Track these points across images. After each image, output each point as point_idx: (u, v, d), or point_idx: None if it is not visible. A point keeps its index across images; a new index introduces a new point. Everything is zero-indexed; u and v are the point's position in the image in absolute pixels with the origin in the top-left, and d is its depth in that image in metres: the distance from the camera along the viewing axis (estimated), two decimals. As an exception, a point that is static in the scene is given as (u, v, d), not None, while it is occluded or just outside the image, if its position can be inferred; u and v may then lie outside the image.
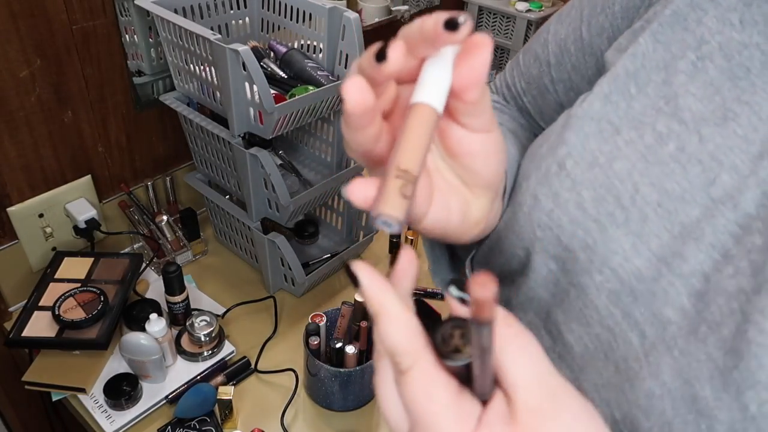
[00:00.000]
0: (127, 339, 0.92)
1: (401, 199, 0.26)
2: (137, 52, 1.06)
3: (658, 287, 0.34)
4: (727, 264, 0.32)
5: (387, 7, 1.52)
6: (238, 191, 1.09)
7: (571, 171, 0.37)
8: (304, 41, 1.09)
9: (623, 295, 0.35)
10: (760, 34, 0.34)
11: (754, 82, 0.34)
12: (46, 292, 1.00)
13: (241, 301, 1.12)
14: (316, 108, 0.99)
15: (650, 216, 0.34)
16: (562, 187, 0.37)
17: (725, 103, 0.34)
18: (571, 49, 0.47)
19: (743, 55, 0.34)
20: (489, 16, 1.71)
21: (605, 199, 0.35)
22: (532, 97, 0.52)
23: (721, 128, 0.34)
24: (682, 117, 0.35)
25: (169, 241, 1.17)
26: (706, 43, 0.36)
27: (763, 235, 0.31)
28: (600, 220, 0.35)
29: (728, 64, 0.35)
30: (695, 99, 0.35)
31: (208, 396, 0.93)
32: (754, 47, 0.34)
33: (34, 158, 1.00)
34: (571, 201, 0.37)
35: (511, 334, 0.25)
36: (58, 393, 0.94)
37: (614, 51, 0.40)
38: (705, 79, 0.35)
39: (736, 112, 0.34)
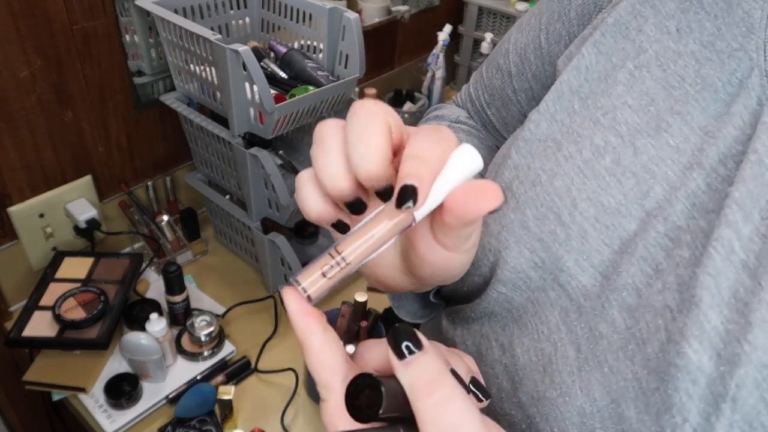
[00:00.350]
0: (127, 339, 0.92)
1: (321, 277, 0.26)
2: (137, 52, 1.07)
3: (598, 303, 0.34)
4: (657, 279, 0.32)
5: (387, 7, 1.52)
6: (238, 191, 1.09)
7: (516, 191, 0.37)
8: (304, 41, 1.09)
9: (571, 312, 0.35)
10: (696, 42, 0.34)
11: (687, 91, 0.34)
12: (47, 291, 1.00)
13: (242, 301, 1.12)
14: (316, 108, 0.99)
15: (589, 231, 0.34)
16: (508, 208, 0.37)
17: (659, 114, 0.34)
18: (530, 58, 0.47)
19: (678, 64, 0.34)
20: (489, 16, 1.71)
21: (547, 217, 0.35)
22: (496, 108, 0.52)
23: (654, 139, 0.34)
24: (618, 130, 0.35)
25: (169, 241, 1.17)
26: (644, 51, 0.36)
27: (690, 248, 0.31)
28: (543, 238, 0.35)
29: (663, 73, 0.35)
30: (631, 111, 0.35)
31: (208, 396, 0.93)
32: (688, 56, 0.34)
33: (34, 158, 1.00)
34: (516, 221, 0.37)
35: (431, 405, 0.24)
36: (58, 393, 0.94)
37: (564, 59, 0.41)
38: (641, 90, 0.35)
39: (669, 122, 0.34)
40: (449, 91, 1.87)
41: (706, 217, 0.31)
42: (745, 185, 0.30)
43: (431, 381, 0.24)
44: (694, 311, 0.29)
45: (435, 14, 1.70)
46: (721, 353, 0.28)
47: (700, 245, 0.31)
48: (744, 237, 0.29)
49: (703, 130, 0.33)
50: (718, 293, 0.29)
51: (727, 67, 0.33)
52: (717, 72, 0.33)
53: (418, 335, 0.26)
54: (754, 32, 0.33)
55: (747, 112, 0.32)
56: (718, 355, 0.28)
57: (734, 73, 0.33)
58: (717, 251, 0.29)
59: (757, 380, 0.27)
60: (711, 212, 0.31)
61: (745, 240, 0.29)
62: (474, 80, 0.55)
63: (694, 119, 0.33)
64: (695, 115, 0.33)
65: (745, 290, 0.28)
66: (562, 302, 0.35)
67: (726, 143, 0.32)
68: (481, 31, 1.73)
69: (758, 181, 0.30)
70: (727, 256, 0.29)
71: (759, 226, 0.29)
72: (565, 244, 0.35)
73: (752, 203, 0.29)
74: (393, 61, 1.68)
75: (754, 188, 0.30)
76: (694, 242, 0.31)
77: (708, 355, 0.28)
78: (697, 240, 0.31)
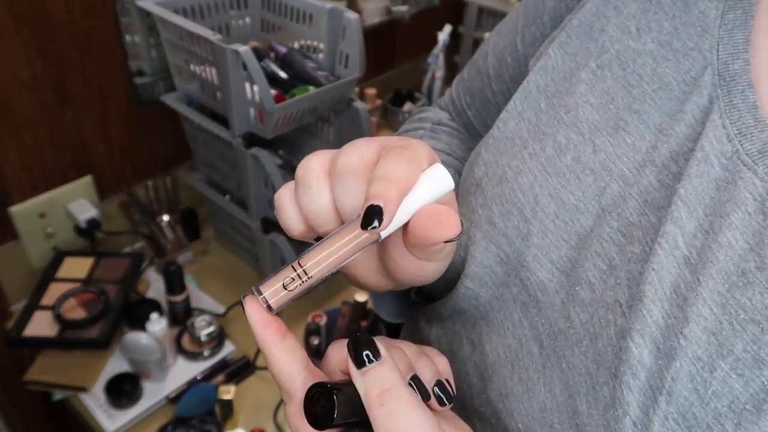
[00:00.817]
0: (127, 338, 0.93)
1: (282, 289, 0.28)
2: (138, 52, 1.07)
3: (557, 299, 0.34)
4: (611, 274, 0.32)
5: (387, 7, 1.52)
6: (238, 191, 1.09)
7: (485, 188, 0.38)
8: (304, 41, 1.09)
9: (530, 307, 0.35)
10: (654, 41, 0.35)
11: (644, 90, 0.35)
12: (47, 291, 1.00)
13: (242, 300, 1.12)
14: (316, 108, 0.99)
15: (549, 227, 0.35)
16: (477, 203, 0.38)
17: (618, 112, 0.35)
18: (508, 60, 0.48)
19: (636, 62, 0.35)
20: (489, 16, 1.71)
21: (511, 213, 0.36)
22: (476, 110, 0.53)
23: (612, 137, 0.35)
24: (580, 128, 0.36)
25: (170, 240, 1.17)
26: (606, 51, 0.37)
27: (641, 243, 0.32)
28: (508, 234, 0.36)
29: (623, 72, 0.36)
30: (592, 109, 0.36)
31: (208, 395, 0.93)
32: (647, 54, 0.35)
33: (35, 158, 1.00)
34: (483, 217, 0.37)
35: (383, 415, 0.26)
36: (58, 392, 0.94)
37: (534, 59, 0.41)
38: (602, 89, 0.36)
39: (627, 120, 0.34)
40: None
41: (657, 213, 0.32)
42: (690, 182, 0.31)
43: (384, 391, 0.27)
44: (639, 306, 0.30)
45: (435, 14, 1.70)
46: (660, 347, 0.29)
47: (650, 241, 0.32)
48: (688, 233, 0.30)
49: (658, 128, 0.34)
50: (660, 288, 0.30)
51: (682, 65, 0.34)
52: (673, 71, 0.34)
53: (377, 345, 0.28)
54: (709, 31, 0.34)
55: (698, 110, 0.33)
56: (657, 349, 0.29)
57: (689, 71, 0.34)
58: (662, 247, 0.30)
59: (692, 373, 0.28)
60: (661, 208, 0.32)
61: (689, 236, 0.30)
62: (456, 82, 0.56)
63: (650, 117, 0.34)
64: (651, 113, 0.34)
65: (686, 285, 0.29)
66: (522, 298, 0.36)
67: (678, 141, 0.33)
68: (481, 31, 1.73)
69: (703, 178, 0.31)
70: (671, 252, 0.30)
71: (702, 223, 0.30)
72: (527, 240, 0.35)
73: (697, 200, 0.30)
74: (393, 61, 1.68)
75: (699, 185, 0.30)
76: (645, 238, 0.32)
77: (648, 349, 0.29)
78: (647, 236, 0.32)
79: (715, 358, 0.27)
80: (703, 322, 0.28)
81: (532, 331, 0.35)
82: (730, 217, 0.29)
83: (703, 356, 0.28)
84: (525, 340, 0.36)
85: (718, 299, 0.28)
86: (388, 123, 1.68)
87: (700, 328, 0.28)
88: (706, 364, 0.28)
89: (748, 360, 0.27)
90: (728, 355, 0.27)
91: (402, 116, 1.64)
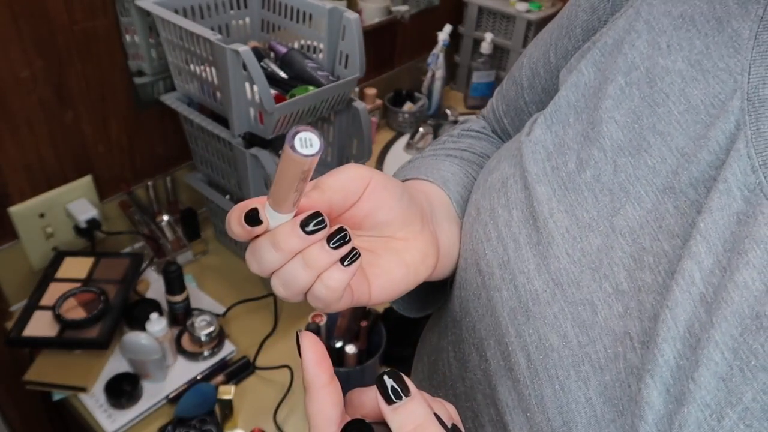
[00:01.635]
0: (127, 338, 0.92)
1: None
2: (138, 52, 1.07)
3: (549, 311, 0.33)
4: (618, 301, 0.31)
5: (387, 7, 1.52)
6: (238, 191, 1.09)
7: (509, 190, 0.38)
8: (304, 41, 1.09)
9: (519, 314, 0.35)
10: (684, 60, 0.34)
11: (670, 110, 0.33)
12: (47, 291, 1.00)
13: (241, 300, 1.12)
14: (316, 108, 0.99)
15: (557, 240, 0.34)
16: (499, 203, 0.38)
17: (642, 132, 0.34)
18: (540, 72, 0.49)
19: (665, 81, 0.34)
20: (489, 16, 1.71)
21: (527, 220, 0.36)
22: (511, 118, 0.54)
23: (634, 158, 0.34)
24: (602, 144, 0.35)
25: (170, 240, 1.17)
26: (636, 68, 0.36)
27: (653, 272, 0.31)
28: (518, 239, 0.36)
29: (650, 90, 0.34)
30: (617, 127, 0.35)
31: (208, 396, 0.93)
32: (676, 73, 0.34)
33: (35, 158, 1.00)
34: (502, 218, 0.38)
35: None
36: (58, 392, 0.94)
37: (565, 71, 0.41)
38: (629, 107, 0.35)
39: (650, 142, 0.33)
40: (449, 91, 1.87)
41: (671, 241, 0.31)
42: (711, 215, 0.29)
43: (418, 426, 0.27)
44: (651, 345, 0.29)
45: (435, 14, 1.70)
46: (670, 390, 0.28)
47: (662, 271, 0.31)
48: (705, 269, 0.29)
49: (680, 151, 0.32)
50: (674, 327, 0.29)
51: (711, 87, 0.33)
52: (701, 92, 0.33)
53: (406, 380, 0.28)
54: (741, 52, 0.32)
55: (723, 137, 0.31)
56: (667, 392, 0.28)
57: (718, 95, 0.32)
58: (678, 284, 0.29)
59: (699, 420, 0.27)
60: (676, 236, 0.31)
61: (706, 272, 0.29)
62: (496, 91, 0.58)
63: (674, 140, 0.33)
64: (675, 135, 0.33)
65: (700, 325, 0.28)
66: (512, 303, 0.35)
67: (699, 167, 0.31)
68: (481, 31, 1.73)
69: (724, 212, 0.29)
70: (687, 289, 0.29)
71: (721, 259, 0.29)
72: (534, 248, 0.35)
73: (716, 234, 0.29)
74: (393, 61, 1.68)
75: (719, 219, 0.29)
76: (657, 266, 0.31)
77: (658, 390, 0.28)
78: (660, 264, 0.31)
79: (723, 406, 0.26)
80: (713, 367, 0.27)
81: (519, 339, 0.35)
82: (748, 255, 0.28)
83: (712, 403, 0.27)
84: (512, 348, 0.35)
85: (731, 343, 0.27)
86: (388, 123, 1.68)
87: (711, 373, 0.27)
88: (714, 412, 0.27)
89: (756, 410, 0.26)
90: (737, 404, 0.26)
91: (402, 116, 1.64)
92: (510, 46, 1.70)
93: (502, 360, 0.36)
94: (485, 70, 1.72)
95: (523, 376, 0.34)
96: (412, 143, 1.57)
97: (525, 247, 0.36)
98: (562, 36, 0.46)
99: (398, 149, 1.60)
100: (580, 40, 0.44)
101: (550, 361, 0.33)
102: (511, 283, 0.36)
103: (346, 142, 1.15)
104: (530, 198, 0.36)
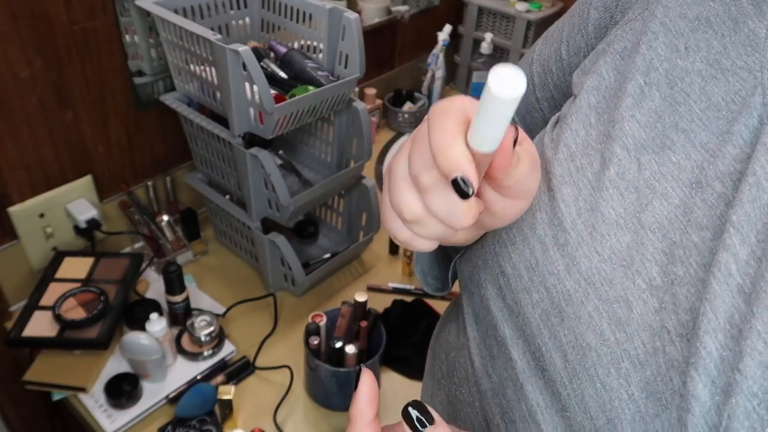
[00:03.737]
0: (127, 339, 0.92)
1: None
2: (137, 52, 1.07)
3: (584, 311, 0.34)
4: (652, 296, 0.32)
5: (387, 7, 1.52)
6: (238, 191, 1.09)
7: None
8: (304, 41, 1.09)
9: (552, 315, 0.35)
10: (702, 60, 0.35)
11: (692, 108, 0.34)
12: (47, 291, 1.00)
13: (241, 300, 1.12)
14: (316, 108, 0.99)
15: (585, 239, 0.35)
16: None
17: (665, 131, 0.35)
18: (552, 69, 0.49)
19: (684, 81, 0.35)
20: (489, 16, 1.71)
21: (553, 222, 0.37)
22: (521, 116, 0.54)
23: (658, 156, 0.35)
24: (625, 142, 0.36)
25: (169, 241, 1.17)
26: (655, 70, 0.36)
27: (684, 265, 0.32)
28: (545, 241, 0.36)
29: (671, 91, 0.35)
30: (639, 126, 0.36)
31: (208, 396, 0.93)
32: (695, 73, 0.35)
33: (34, 158, 1.00)
34: (526, 221, 0.38)
35: None
36: (58, 393, 0.94)
37: (580, 72, 0.42)
38: (650, 107, 0.36)
39: (673, 139, 0.34)
40: (449, 91, 1.87)
41: (700, 233, 0.32)
42: (743, 208, 0.30)
43: None
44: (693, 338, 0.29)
45: (435, 14, 1.70)
46: (716, 381, 0.28)
47: (694, 263, 0.31)
48: (741, 260, 0.29)
49: (704, 147, 0.33)
50: (715, 319, 0.29)
51: (731, 85, 0.34)
52: (721, 90, 0.34)
53: (429, 410, 0.30)
54: (759, 50, 0.33)
55: (747, 131, 0.32)
56: (712, 383, 0.28)
57: (738, 92, 0.33)
58: (715, 276, 0.30)
59: (747, 410, 0.27)
60: (705, 228, 0.32)
61: (742, 263, 0.29)
62: None
63: (697, 137, 0.34)
64: (698, 132, 0.34)
65: (740, 316, 0.29)
66: (543, 305, 0.36)
67: (725, 162, 0.32)
68: (481, 31, 1.73)
69: (756, 204, 0.30)
70: (724, 281, 0.29)
71: (755, 249, 0.29)
72: (562, 249, 0.36)
73: (749, 226, 0.30)
74: (393, 61, 1.68)
75: (751, 211, 0.30)
76: (688, 259, 0.32)
77: (703, 383, 0.29)
78: (690, 257, 0.32)
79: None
80: (758, 357, 0.27)
81: (553, 340, 0.35)
82: None
83: (759, 392, 0.27)
84: (545, 349, 0.36)
85: None
86: (388, 123, 1.68)
87: (756, 362, 0.27)
88: (762, 401, 0.27)
89: None
90: None
91: (402, 116, 1.64)
92: (510, 46, 1.70)
93: (533, 360, 0.37)
94: (485, 70, 1.72)
95: (560, 377, 0.35)
96: (412, 143, 1.57)
97: (552, 249, 0.36)
98: (574, 33, 0.47)
99: (398, 149, 1.60)
100: (592, 37, 0.45)
101: (588, 361, 0.33)
102: (541, 285, 0.36)
103: (346, 142, 1.15)
104: (554, 199, 0.37)
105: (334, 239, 1.30)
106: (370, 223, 1.20)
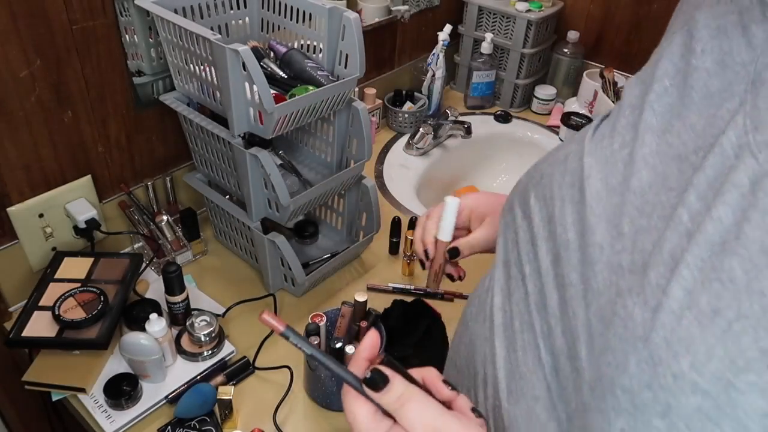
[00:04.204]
0: (127, 339, 0.92)
1: None
2: (137, 52, 1.07)
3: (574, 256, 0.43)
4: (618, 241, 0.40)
5: (387, 7, 1.52)
6: (238, 191, 1.09)
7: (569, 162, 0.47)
8: (304, 41, 1.09)
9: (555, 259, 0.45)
10: (712, 61, 0.40)
11: (693, 98, 0.40)
12: (46, 292, 1.00)
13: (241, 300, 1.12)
14: (316, 108, 0.99)
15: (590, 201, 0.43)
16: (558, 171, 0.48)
17: (671, 119, 0.41)
18: None
19: (694, 77, 0.41)
20: (489, 16, 1.71)
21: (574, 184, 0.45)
22: None
23: (659, 137, 0.41)
24: (639, 127, 0.43)
25: (169, 241, 1.17)
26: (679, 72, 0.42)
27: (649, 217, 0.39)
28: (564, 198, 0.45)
29: (684, 86, 0.41)
30: (653, 114, 0.42)
31: (208, 396, 0.93)
32: (703, 70, 0.40)
33: (34, 158, 1.00)
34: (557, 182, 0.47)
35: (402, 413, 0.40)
36: (57, 393, 0.94)
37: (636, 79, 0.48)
38: (667, 101, 0.42)
39: (673, 124, 0.41)
40: (449, 91, 1.87)
41: (668, 193, 0.38)
42: (704, 172, 0.36)
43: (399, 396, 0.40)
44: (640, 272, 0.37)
45: (435, 14, 1.70)
46: (648, 302, 0.35)
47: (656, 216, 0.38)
48: (693, 211, 0.35)
49: (693, 128, 0.39)
50: (659, 254, 0.36)
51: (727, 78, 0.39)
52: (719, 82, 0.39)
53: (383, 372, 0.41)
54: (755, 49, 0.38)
55: (728, 114, 0.37)
56: (644, 304, 0.35)
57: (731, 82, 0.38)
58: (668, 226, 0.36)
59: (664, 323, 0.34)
60: (672, 190, 0.38)
61: (693, 213, 0.35)
62: None
63: (689, 120, 0.39)
64: (691, 117, 0.39)
65: (681, 251, 0.35)
66: (554, 251, 0.45)
67: (705, 139, 0.38)
68: (481, 31, 1.73)
69: (715, 168, 0.36)
70: (675, 228, 0.36)
71: (708, 203, 0.35)
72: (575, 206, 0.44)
73: (707, 185, 0.35)
74: (393, 61, 1.68)
75: (711, 173, 0.36)
76: (652, 213, 0.38)
77: (639, 306, 0.36)
78: (655, 212, 0.38)
79: (684, 310, 0.33)
80: (682, 282, 0.34)
81: (557, 279, 0.44)
82: (725, 195, 0.34)
83: (677, 309, 0.33)
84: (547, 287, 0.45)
85: (699, 263, 0.33)
86: (388, 123, 1.68)
87: (679, 286, 0.34)
88: (679, 317, 0.33)
89: (707, 311, 0.32)
90: (693, 307, 0.33)
91: (402, 116, 1.64)
92: (510, 46, 1.69)
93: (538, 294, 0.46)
94: (485, 70, 1.72)
95: (553, 309, 0.44)
96: (412, 143, 1.57)
97: (568, 205, 0.44)
98: None
99: (398, 149, 1.60)
100: None
101: (569, 294, 0.42)
102: (552, 234, 0.46)
103: (346, 142, 1.15)
104: (581, 168, 0.45)
105: (334, 239, 1.29)
106: (370, 223, 1.20)
